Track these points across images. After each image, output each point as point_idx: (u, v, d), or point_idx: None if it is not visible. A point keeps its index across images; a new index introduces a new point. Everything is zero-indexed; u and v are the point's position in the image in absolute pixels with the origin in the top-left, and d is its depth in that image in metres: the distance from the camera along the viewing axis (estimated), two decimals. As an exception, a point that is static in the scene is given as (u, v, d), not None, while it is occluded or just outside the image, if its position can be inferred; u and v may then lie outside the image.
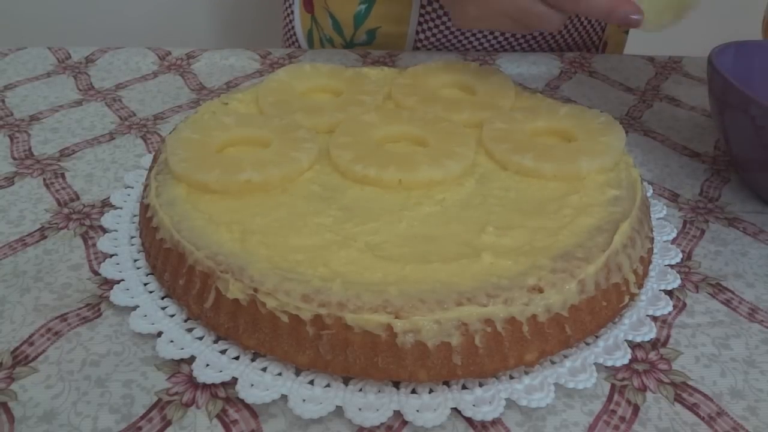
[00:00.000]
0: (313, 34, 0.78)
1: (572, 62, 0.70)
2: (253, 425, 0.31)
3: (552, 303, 0.32)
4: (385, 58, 0.69)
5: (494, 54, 0.71)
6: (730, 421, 0.31)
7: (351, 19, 0.74)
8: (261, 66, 0.67)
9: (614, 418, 0.31)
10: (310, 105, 0.48)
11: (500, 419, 0.31)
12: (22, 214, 0.44)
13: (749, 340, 0.36)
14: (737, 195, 0.49)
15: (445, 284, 0.32)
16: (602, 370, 0.33)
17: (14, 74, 0.64)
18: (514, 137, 0.44)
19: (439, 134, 0.44)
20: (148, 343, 0.34)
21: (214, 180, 0.39)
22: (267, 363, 0.33)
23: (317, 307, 0.31)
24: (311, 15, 0.77)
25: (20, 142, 0.53)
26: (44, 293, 0.37)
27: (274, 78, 0.52)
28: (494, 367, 0.32)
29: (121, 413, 0.31)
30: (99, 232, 0.42)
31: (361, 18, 0.73)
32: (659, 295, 0.38)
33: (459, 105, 0.49)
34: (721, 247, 0.43)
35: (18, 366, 0.33)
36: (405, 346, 0.31)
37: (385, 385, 0.32)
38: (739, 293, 0.39)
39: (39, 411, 0.31)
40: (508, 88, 0.51)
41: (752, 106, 0.42)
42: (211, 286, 0.34)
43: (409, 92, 0.50)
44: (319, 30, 0.77)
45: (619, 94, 0.64)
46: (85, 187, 0.47)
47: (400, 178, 0.40)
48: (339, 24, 0.75)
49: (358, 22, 0.74)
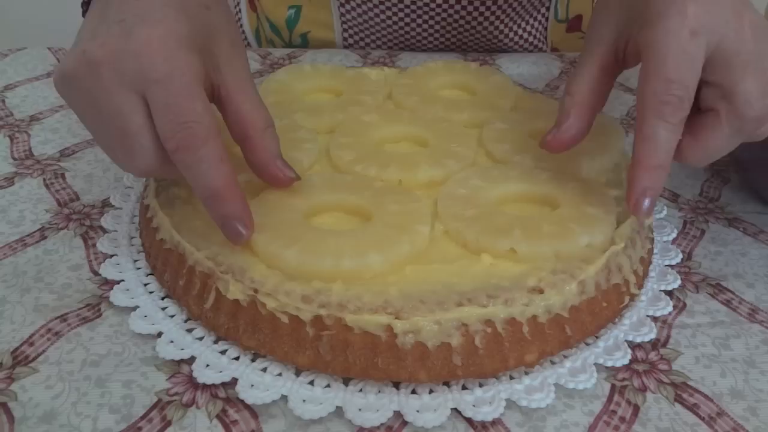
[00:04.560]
0: (260, 32, 0.79)
1: (572, 62, 0.70)
2: (253, 425, 0.31)
3: (552, 304, 0.32)
4: (385, 58, 0.69)
5: (494, 54, 0.71)
6: (730, 421, 0.31)
7: (284, 23, 0.75)
8: (261, 66, 0.67)
9: (614, 419, 0.31)
10: (310, 105, 0.48)
11: (500, 419, 0.31)
12: (22, 215, 0.44)
13: (749, 341, 0.36)
14: (737, 195, 0.49)
15: (445, 285, 0.32)
16: (602, 370, 0.33)
17: (14, 74, 0.64)
18: (514, 137, 0.44)
19: (439, 134, 0.44)
20: (148, 344, 0.34)
21: (214, 180, 0.39)
22: (267, 363, 0.33)
23: (317, 307, 0.31)
24: (256, 14, 0.78)
25: (20, 142, 0.53)
26: (44, 293, 0.37)
27: (274, 78, 0.52)
28: (494, 367, 0.32)
29: (121, 413, 0.31)
30: (99, 233, 0.42)
31: (293, 22, 0.74)
32: (659, 295, 0.38)
33: (459, 105, 0.49)
34: (721, 247, 0.43)
35: (18, 366, 0.33)
36: (405, 346, 0.31)
37: (385, 385, 0.32)
38: (739, 293, 0.39)
39: (39, 411, 0.31)
40: (508, 88, 0.51)
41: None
42: (211, 287, 0.34)
43: (409, 92, 0.50)
44: (263, 30, 0.78)
45: (619, 94, 0.64)
46: (85, 188, 0.47)
47: (400, 178, 0.40)
48: (276, 27, 0.76)
49: (290, 26, 0.75)
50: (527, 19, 0.72)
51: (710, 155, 0.34)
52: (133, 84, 0.31)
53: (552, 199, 0.38)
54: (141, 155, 0.32)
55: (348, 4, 0.70)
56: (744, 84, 0.32)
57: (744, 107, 0.32)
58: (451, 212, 0.36)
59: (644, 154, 0.33)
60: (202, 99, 0.32)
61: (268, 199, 0.37)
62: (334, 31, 0.74)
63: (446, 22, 0.69)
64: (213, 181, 0.32)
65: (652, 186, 0.33)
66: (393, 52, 0.71)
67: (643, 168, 0.33)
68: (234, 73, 0.35)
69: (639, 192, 0.33)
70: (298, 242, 0.33)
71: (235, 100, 0.35)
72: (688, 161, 0.35)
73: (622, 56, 0.37)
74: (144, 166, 0.33)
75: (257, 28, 0.79)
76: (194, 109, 0.31)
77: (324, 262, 0.32)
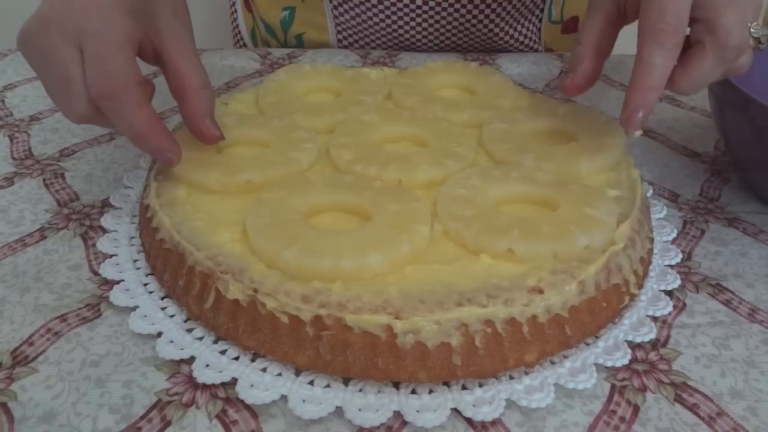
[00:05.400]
0: (255, 33, 0.79)
1: (572, 62, 0.70)
2: (253, 425, 0.31)
3: (552, 304, 0.32)
4: (385, 58, 0.69)
5: (494, 54, 0.71)
6: (730, 421, 0.31)
7: (279, 24, 0.75)
8: (261, 66, 0.67)
9: (614, 419, 0.31)
10: (310, 105, 0.48)
11: (500, 419, 0.31)
12: (22, 214, 0.44)
13: (749, 341, 0.36)
14: (737, 195, 0.49)
15: (445, 285, 0.32)
16: (602, 370, 0.33)
17: (14, 74, 0.64)
18: (514, 137, 0.44)
19: (439, 134, 0.44)
20: (148, 344, 0.34)
21: (214, 180, 0.39)
22: (267, 363, 0.33)
23: (317, 307, 0.31)
24: (252, 15, 0.79)
25: (20, 142, 0.53)
26: (44, 293, 0.37)
27: (274, 78, 0.52)
28: (494, 367, 0.32)
29: (121, 413, 0.31)
30: (99, 233, 0.42)
31: (287, 24, 0.75)
32: (659, 295, 0.38)
33: (459, 105, 0.49)
34: (721, 247, 0.43)
35: (18, 366, 0.33)
36: (405, 346, 0.31)
37: (385, 385, 0.32)
38: (739, 293, 0.39)
39: (39, 411, 0.31)
40: (508, 88, 0.51)
41: (752, 106, 0.42)
42: (211, 287, 0.34)
43: (409, 92, 0.50)
44: (259, 30, 0.79)
45: (619, 94, 0.64)
46: (85, 188, 0.47)
47: (399, 178, 0.40)
48: (271, 28, 0.76)
49: (284, 27, 0.75)
50: (521, 20, 0.73)
51: (696, 83, 0.39)
52: (72, 38, 0.35)
53: (551, 200, 0.38)
54: (77, 101, 0.36)
55: (341, 6, 0.70)
56: (726, 17, 0.37)
57: (726, 37, 0.37)
58: (450, 212, 0.36)
59: (640, 76, 0.37)
60: (126, 54, 0.36)
61: (268, 199, 0.37)
62: (328, 33, 0.74)
63: (439, 24, 0.70)
64: (135, 123, 0.36)
65: (645, 104, 0.37)
66: (393, 52, 0.71)
67: (638, 88, 0.37)
68: (175, 38, 0.39)
69: (632, 108, 0.37)
70: (298, 242, 0.33)
71: (174, 60, 0.39)
72: (678, 89, 0.39)
73: (624, 10, 0.41)
74: (80, 110, 0.37)
75: (253, 28, 0.79)
76: (116, 62, 0.35)
77: (324, 262, 0.32)
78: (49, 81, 0.38)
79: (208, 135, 0.40)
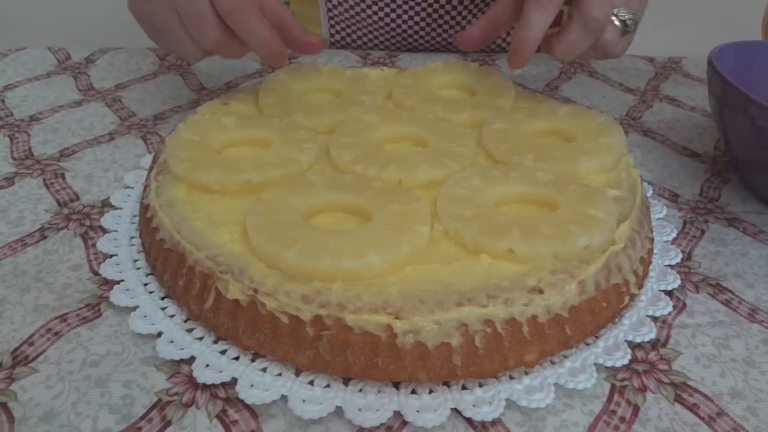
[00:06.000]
0: None
1: (572, 62, 0.70)
2: (253, 425, 0.31)
3: (552, 304, 0.32)
4: (385, 59, 0.69)
5: (494, 54, 0.71)
6: (730, 421, 0.31)
7: None
8: (261, 66, 0.67)
9: (614, 419, 0.31)
10: (310, 105, 0.48)
11: (500, 419, 0.31)
12: (22, 215, 0.44)
13: (749, 341, 0.36)
14: (737, 195, 0.49)
15: (445, 285, 0.32)
16: (602, 370, 0.33)
17: (14, 74, 0.64)
18: (514, 137, 0.44)
19: (439, 134, 0.44)
20: (148, 344, 0.34)
21: (214, 180, 0.39)
22: (267, 363, 0.33)
23: (317, 307, 0.31)
24: None
25: (20, 142, 0.53)
26: (44, 293, 0.37)
27: (274, 78, 0.52)
28: (494, 367, 0.32)
29: (121, 413, 0.31)
30: (99, 233, 0.42)
31: None
32: (659, 295, 0.38)
33: (459, 105, 0.49)
34: (721, 247, 0.43)
35: (18, 366, 0.33)
36: (405, 346, 0.31)
37: (385, 385, 0.32)
38: (739, 293, 0.39)
39: (39, 411, 0.31)
40: (508, 88, 0.51)
41: (752, 106, 0.42)
42: (211, 287, 0.34)
43: (409, 92, 0.50)
44: None
45: (619, 94, 0.64)
46: (85, 188, 0.47)
47: (400, 178, 0.40)
48: None
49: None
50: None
51: (567, 49, 0.46)
52: None
53: (551, 200, 0.38)
54: (210, 29, 0.44)
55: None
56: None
57: (588, 9, 0.44)
58: (450, 212, 0.36)
59: (521, 30, 0.45)
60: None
61: (268, 199, 0.37)
62: (321, 27, 0.74)
63: (431, 18, 0.70)
64: (261, 29, 0.45)
65: (523, 51, 0.45)
66: (393, 53, 0.71)
67: (518, 39, 0.45)
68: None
69: (512, 52, 0.46)
70: (298, 242, 0.33)
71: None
72: (554, 53, 0.47)
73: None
74: (212, 36, 0.45)
75: None
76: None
77: (324, 262, 0.32)
78: (171, 27, 0.45)
79: (318, 43, 0.47)
